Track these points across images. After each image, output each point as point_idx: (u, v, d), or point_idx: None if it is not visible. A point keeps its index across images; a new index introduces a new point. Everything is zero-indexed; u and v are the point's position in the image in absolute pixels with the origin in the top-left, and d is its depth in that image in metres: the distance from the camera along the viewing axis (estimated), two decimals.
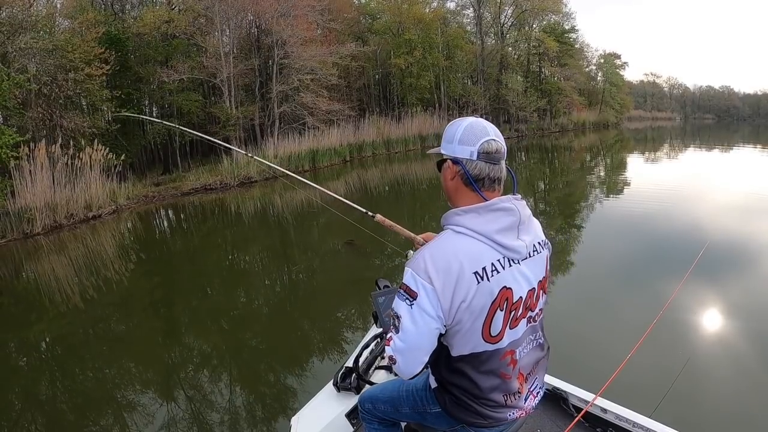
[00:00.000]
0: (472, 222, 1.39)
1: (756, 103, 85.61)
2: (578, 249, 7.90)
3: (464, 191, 1.46)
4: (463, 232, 1.39)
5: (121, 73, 17.10)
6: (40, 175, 10.86)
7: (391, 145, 24.48)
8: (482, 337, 1.40)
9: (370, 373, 2.53)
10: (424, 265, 1.36)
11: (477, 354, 1.42)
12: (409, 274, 1.38)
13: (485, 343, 1.41)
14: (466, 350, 1.42)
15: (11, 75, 11.65)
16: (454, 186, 1.48)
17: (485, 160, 1.42)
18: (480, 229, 1.38)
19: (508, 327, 1.44)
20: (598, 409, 2.36)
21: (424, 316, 1.35)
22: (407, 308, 1.37)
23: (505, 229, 1.40)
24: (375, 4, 31.28)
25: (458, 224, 1.41)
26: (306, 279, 7.59)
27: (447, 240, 1.40)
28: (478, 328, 1.39)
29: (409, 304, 1.37)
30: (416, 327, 1.37)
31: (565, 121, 38.59)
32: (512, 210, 1.42)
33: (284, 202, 13.88)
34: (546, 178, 17.05)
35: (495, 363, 1.44)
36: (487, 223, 1.39)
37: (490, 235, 1.38)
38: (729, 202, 10.68)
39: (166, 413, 3.95)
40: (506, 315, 1.42)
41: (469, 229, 1.39)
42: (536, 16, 35.63)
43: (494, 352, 1.43)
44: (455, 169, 1.45)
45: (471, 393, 1.47)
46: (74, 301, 6.79)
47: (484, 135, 1.42)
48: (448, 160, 1.47)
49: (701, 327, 4.78)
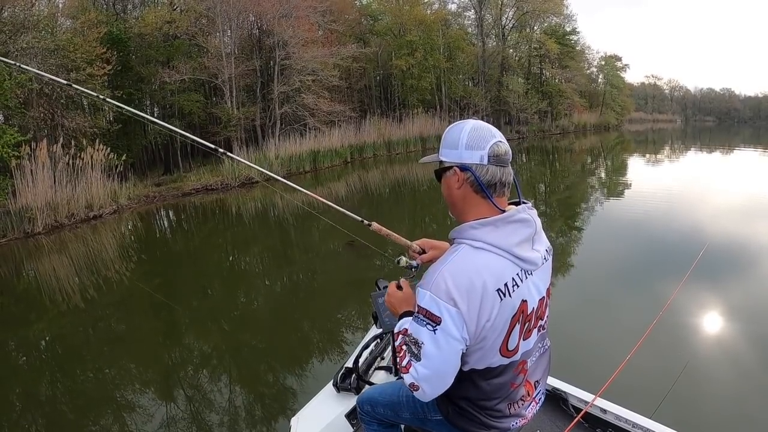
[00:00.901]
0: (491, 236, 1.31)
1: (757, 105, 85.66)
2: (578, 250, 7.90)
3: (474, 200, 1.37)
4: (482, 248, 1.31)
5: (122, 73, 17.14)
6: (42, 174, 10.87)
7: (392, 147, 24.49)
8: (500, 352, 1.36)
9: (369, 374, 2.53)
10: (446, 286, 1.26)
11: (492, 368, 1.39)
12: (428, 297, 1.29)
13: (502, 357, 1.38)
14: (481, 366, 1.38)
15: (13, 74, 11.67)
16: (461, 195, 1.38)
17: (496, 164, 1.34)
18: (500, 244, 1.31)
19: (522, 338, 1.40)
20: (598, 410, 2.36)
21: (450, 341, 1.28)
22: (430, 334, 1.29)
23: (523, 241, 1.35)
24: (376, 6, 31.28)
25: (475, 239, 1.32)
26: (306, 280, 7.59)
27: (466, 257, 1.31)
28: (497, 345, 1.35)
29: (432, 329, 1.28)
30: (441, 353, 1.29)
31: (566, 123, 38.56)
32: (529, 221, 1.37)
33: (285, 203, 13.87)
34: (547, 180, 17.04)
35: (508, 375, 1.42)
36: (506, 236, 1.32)
37: (511, 250, 1.31)
38: (728, 205, 10.67)
39: (166, 413, 3.96)
40: (521, 327, 1.38)
41: (488, 244, 1.31)
42: (537, 18, 35.64)
43: (509, 365, 1.41)
44: (464, 177, 1.35)
45: (476, 404, 1.44)
46: (75, 300, 6.80)
47: (492, 137, 1.35)
48: (453, 168, 1.37)
49: (701, 328, 4.78)
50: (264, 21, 20.42)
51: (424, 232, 10.58)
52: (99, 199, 12.18)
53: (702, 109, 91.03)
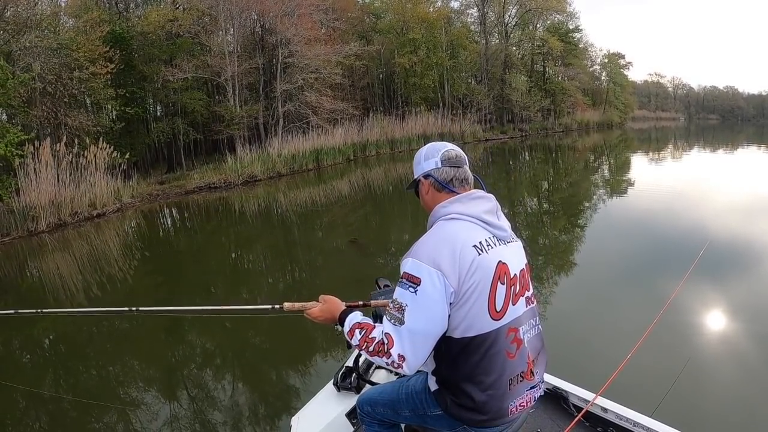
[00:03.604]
0: (459, 208, 1.53)
1: (760, 103, 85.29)
2: (579, 248, 7.90)
3: (439, 197, 1.61)
4: (454, 218, 1.51)
5: (125, 71, 17.16)
6: (45, 173, 10.91)
7: (395, 145, 24.44)
8: (488, 313, 1.44)
9: (370, 373, 2.53)
10: (425, 250, 1.43)
11: (484, 336, 1.44)
12: (410, 262, 1.43)
13: (491, 321, 1.44)
14: (473, 332, 1.43)
15: (16, 73, 11.70)
16: (431, 197, 1.63)
17: (449, 165, 1.61)
18: (468, 212, 1.52)
19: (511, 303, 1.49)
20: (599, 409, 2.35)
21: (431, 300, 1.39)
22: (411, 296, 1.40)
23: (488, 211, 1.55)
24: (379, 4, 31.24)
25: (447, 213, 1.53)
26: (308, 278, 7.60)
27: (442, 227, 1.51)
28: (483, 304, 1.43)
29: (414, 291, 1.40)
30: (422, 312, 1.40)
31: (569, 120, 38.43)
32: (489, 197, 1.59)
33: (288, 201, 13.90)
34: (549, 178, 17.02)
35: (501, 342, 1.46)
36: (473, 207, 1.54)
37: (479, 216, 1.52)
38: (731, 202, 10.64)
39: (167, 411, 3.98)
40: (507, 290, 1.48)
41: (458, 214, 1.51)
42: (540, 16, 35.47)
43: (500, 330, 1.46)
44: (428, 183, 1.63)
45: (474, 381, 1.46)
46: (78, 299, 6.83)
47: (443, 147, 1.64)
48: (419, 179, 1.66)
49: (702, 326, 4.77)
50: (266, 19, 20.42)
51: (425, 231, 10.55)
52: (102, 197, 12.22)
53: (705, 107, 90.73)
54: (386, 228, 10.71)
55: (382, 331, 1.46)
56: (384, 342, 1.44)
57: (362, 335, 1.52)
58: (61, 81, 13.46)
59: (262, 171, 16.93)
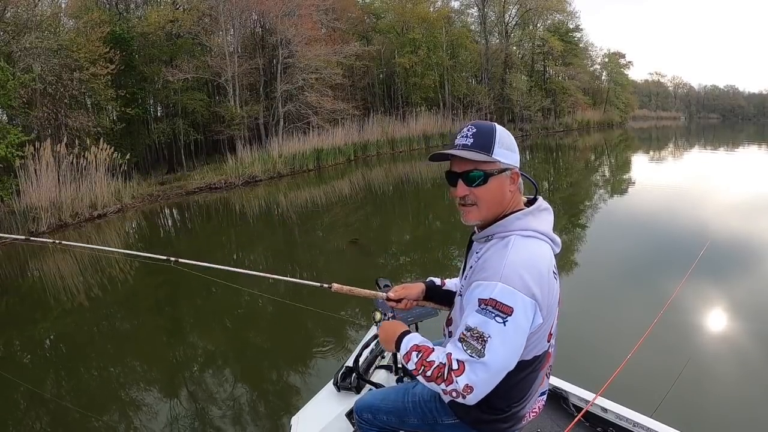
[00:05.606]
0: (534, 224, 1.37)
1: (761, 102, 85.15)
2: (580, 248, 7.89)
3: (518, 198, 1.44)
4: (531, 236, 1.35)
5: (125, 72, 17.20)
6: (46, 174, 10.92)
7: (395, 145, 24.46)
8: (546, 338, 1.39)
9: (370, 373, 2.53)
10: (520, 276, 1.25)
11: (538, 357, 1.39)
12: (500, 288, 1.24)
13: (546, 343, 1.40)
14: (530, 356, 1.36)
15: (16, 74, 11.71)
16: (512, 197, 1.42)
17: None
18: (542, 230, 1.37)
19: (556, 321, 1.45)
20: (599, 409, 2.35)
21: (518, 334, 1.26)
22: (499, 327, 1.23)
23: (551, 226, 1.43)
24: (379, 4, 31.24)
25: (524, 228, 1.36)
26: (309, 278, 7.58)
27: (524, 246, 1.33)
28: (548, 329, 1.37)
29: (502, 321, 1.23)
30: (506, 348, 1.25)
31: (570, 120, 38.39)
32: (550, 209, 1.47)
33: (289, 201, 13.89)
34: (550, 178, 17.00)
35: (544, 361, 1.44)
36: (543, 223, 1.40)
37: (549, 234, 1.39)
38: (731, 202, 10.63)
39: (168, 411, 3.98)
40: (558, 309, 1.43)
41: (535, 231, 1.36)
42: (540, 16, 35.50)
43: (544, 354, 1.42)
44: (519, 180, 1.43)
45: (507, 397, 1.40)
46: (79, 299, 6.84)
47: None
48: (512, 170, 1.40)
49: (702, 326, 4.77)
50: (267, 19, 20.43)
51: (428, 230, 10.61)
52: (103, 198, 12.23)
53: (706, 106, 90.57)
54: (387, 228, 10.69)
55: (449, 355, 1.31)
56: (451, 368, 1.29)
57: (419, 358, 1.38)
58: (62, 82, 13.47)
59: (263, 171, 16.94)
